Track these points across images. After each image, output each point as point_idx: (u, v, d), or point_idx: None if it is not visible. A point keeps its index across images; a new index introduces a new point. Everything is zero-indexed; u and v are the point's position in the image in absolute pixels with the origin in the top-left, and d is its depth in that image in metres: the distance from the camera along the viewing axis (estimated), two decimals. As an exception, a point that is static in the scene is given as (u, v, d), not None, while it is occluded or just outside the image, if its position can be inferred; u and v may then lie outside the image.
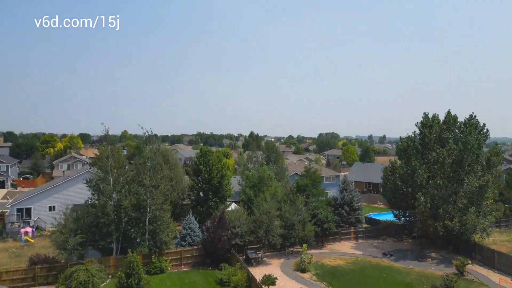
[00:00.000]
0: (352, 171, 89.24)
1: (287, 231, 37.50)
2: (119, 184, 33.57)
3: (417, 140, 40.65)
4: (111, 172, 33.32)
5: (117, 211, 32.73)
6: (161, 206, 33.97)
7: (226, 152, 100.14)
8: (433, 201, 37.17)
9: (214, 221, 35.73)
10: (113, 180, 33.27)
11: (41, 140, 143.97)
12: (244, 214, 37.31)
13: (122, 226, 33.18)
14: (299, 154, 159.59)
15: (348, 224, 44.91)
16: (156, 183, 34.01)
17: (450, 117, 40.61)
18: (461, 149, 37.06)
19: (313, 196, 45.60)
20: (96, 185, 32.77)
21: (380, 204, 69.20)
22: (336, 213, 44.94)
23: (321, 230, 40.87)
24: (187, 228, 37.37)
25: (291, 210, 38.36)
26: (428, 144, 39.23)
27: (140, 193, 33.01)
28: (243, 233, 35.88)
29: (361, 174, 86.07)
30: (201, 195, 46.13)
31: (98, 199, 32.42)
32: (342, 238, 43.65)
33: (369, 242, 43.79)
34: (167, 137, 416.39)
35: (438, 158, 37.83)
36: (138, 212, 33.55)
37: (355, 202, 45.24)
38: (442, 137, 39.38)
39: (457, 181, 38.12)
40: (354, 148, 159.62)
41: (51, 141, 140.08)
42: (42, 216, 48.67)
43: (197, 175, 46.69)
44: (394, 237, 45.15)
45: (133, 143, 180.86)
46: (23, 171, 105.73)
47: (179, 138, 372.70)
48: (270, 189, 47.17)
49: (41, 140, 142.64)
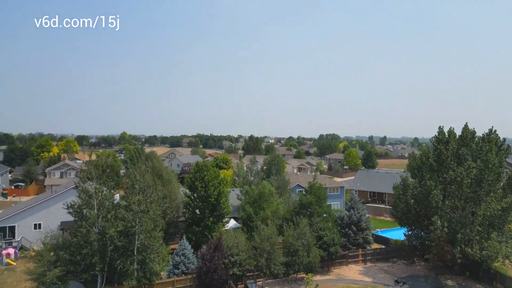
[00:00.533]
0: (356, 179, 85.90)
1: (291, 258, 34.23)
2: (105, 208, 30.25)
3: (431, 157, 37.28)
4: (96, 196, 29.99)
5: (101, 239, 29.41)
6: (151, 233, 30.64)
7: (225, 159, 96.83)
8: (451, 225, 33.86)
9: (210, 248, 32.47)
10: (97, 205, 29.96)
11: (36, 144, 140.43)
12: (243, 239, 33.98)
13: (107, 255, 29.85)
14: (300, 158, 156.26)
15: (355, 246, 41.60)
16: (145, 208, 30.69)
17: (467, 131, 37.29)
18: (481, 168, 33.75)
19: (317, 216, 42.33)
20: (79, 210, 29.45)
21: (386, 217, 65.92)
22: (343, 233, 41.68)
23: (327, 254, 37.62)
24: (181, 255, 34.10)
25: (295, 234, 35.07)
26: (444, 162, 35.87)
27: (127, 219, 29.69)
28: (242, 261, 32.59)
29: (365, 182, 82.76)
30: (197, 213, 42.84)
31: (81, 227, 29.08)
32: (349, 261, 40.38)
33: (378, 265, 40.50)
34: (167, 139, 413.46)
35: (456, 177, 34.53)
36: (126, 239, 30.23)
37: (363, 222, 41.92)
38: (459, 154, 36.03)
39: (475, 202, 34.84)
40: (356, 152, 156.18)
41: (47, 145, 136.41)
42: (27, 235, 45.38)
43: (193, 191, 43.37)
44: (405, 259, 41.84)
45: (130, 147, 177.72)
46: (16, 178, 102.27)
47: (179, 140, 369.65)
48: (272, 206, 43.99)
49: (36, 144, 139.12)
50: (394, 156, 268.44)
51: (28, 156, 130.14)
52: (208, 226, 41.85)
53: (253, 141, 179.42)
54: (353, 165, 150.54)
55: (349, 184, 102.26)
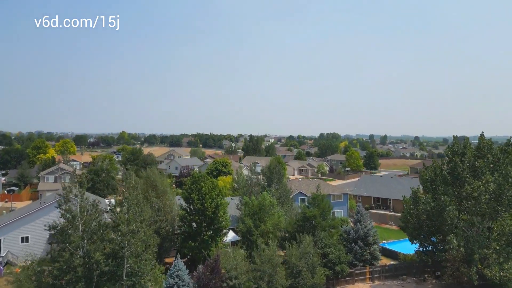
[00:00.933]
0: (359, 184, 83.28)
1: (294, 280, 31.65)
2: (90, 229, 27.61)
3: (445, 169, 34.60)
4: (80, 215, 27.35)
5: (87, 264, 26.81)
6: (142, 255, 28.03)
7: (225, 162, 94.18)
8: (467, 244, 31.25)
9: (207, 270, 29.89)
10: (82, 225, 27.32)
11: (32, 145, 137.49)
12: (242, 259, 31.38)
13: (94, 280, 27.24)
14: (301, 159, 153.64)
15: (362, 262, 39.02)
16: (135, 228, 28.05)
17: (484, 142, 34.63)
18: (500, 182, 31.12)
19: (321, 229, 39.75)
20: (62, 232, 26.82)
21: (392, 225, 63.31)
22: (349, 248, 39.12)
23: (333, 273, 35.07)
24: (175, 276, 31.41)
25: (298, 253, 32.46)
26: (459, 175, 33.20)
27: (115, 241, 27.09)
28: (241, 284, 30.00)
29: (369, 187, 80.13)
30: (193, 226, 40.26)
31: (64, 250, 26.49)
32: (356, 280, 37.76)
33: (387, 283, 37.92)
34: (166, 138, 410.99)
35: (472, 192, 31.89)
36: (114, 262, 27.64)
37: (371, 237, 39.32)
38: (475, 166, 33.36)
39: (492, 218, 32.22)
40: (358, 154, 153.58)
41: (43, 146, 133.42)
42: (13, 249, 42.79)
43: (189, 204, 40.76)
44: (416, 277, 39.22)
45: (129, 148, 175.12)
46: (10, 182, 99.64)
47: (178, 139, 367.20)
48: (273, 219, 41.39)
49: (32, 146, 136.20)
50: (395, 156, 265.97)
51: (24, 158, 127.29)
52: (205, 241, 39.26)
53: (253, 142, 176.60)
54: (355, 167, 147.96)
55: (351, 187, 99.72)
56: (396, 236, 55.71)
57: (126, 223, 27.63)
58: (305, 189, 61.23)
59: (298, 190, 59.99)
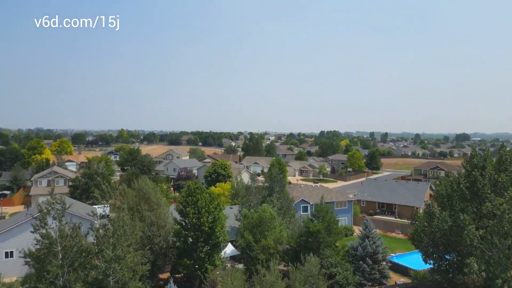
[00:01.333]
0: (363, 189, 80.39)
1: (297, 307, 28.84)
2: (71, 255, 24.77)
3: (463, 183, 31.67)
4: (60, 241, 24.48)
5: (67, 294, 24.01)
6: (129, 284, 25.20)
7: (224, 164, 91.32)
8: (489, 268, 28.40)
9: (202, 297, 27.09)
10: (61, 251, 24.46)
11: (28, 145, 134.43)
12: (241, 286, 28.55)
13: (75, 312, 24.45)
14: (301, 160, 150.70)
15: (371, 281, 36.22)
16: (121, 253, 25.20)
17: (506, 153, 31.66)
18: (524, 199, 28.20)
19: (326, 245, 36.96)
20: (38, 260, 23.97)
21: (398, 233, 60.40)
22: (356, 266, 36.32)
23: (340, 296, 32.30)
24: (167, 303, 28.70)
25: (302, 277, 29.61)
26: (479, 190, 30.28)
27: (99, 269, 24.26)
28: (240, 313, 27.24)
29: (373, 192, 77.30)
30: (189, 241, 37.46)
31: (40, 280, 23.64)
32: (364, 301, 34.99)
33: (397, 305, 35.14)
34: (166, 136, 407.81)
35: (494, 210, 28.99)
36: (98, 291, 24.84)
37: (380, 254, 36.49)
38: (497, 181, 30.42)
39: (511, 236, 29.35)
40: (360, 154, 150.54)
41: (38, 147, 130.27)
42: (-4, 265, 40.00)
43: (184, 217, 37.90)
44: (428, 297, 36.44)
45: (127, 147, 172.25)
46: (3, 184, 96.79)
47: (178, 137, 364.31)
48: (274, 233, 38.57)
49: (28, 146, 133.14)
50: (397, 154, 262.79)
51: (19, 159, 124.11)
52: (201, 258, 36.42)
53: (253, 141, 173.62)
54: (357, 167, 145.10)
55: (354, 189, 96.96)
56: (404, 246, 52.87)
57: (111, 247, 24.78)
58: (308, 196, 58.40)
59: (300, 198, 57.13)
